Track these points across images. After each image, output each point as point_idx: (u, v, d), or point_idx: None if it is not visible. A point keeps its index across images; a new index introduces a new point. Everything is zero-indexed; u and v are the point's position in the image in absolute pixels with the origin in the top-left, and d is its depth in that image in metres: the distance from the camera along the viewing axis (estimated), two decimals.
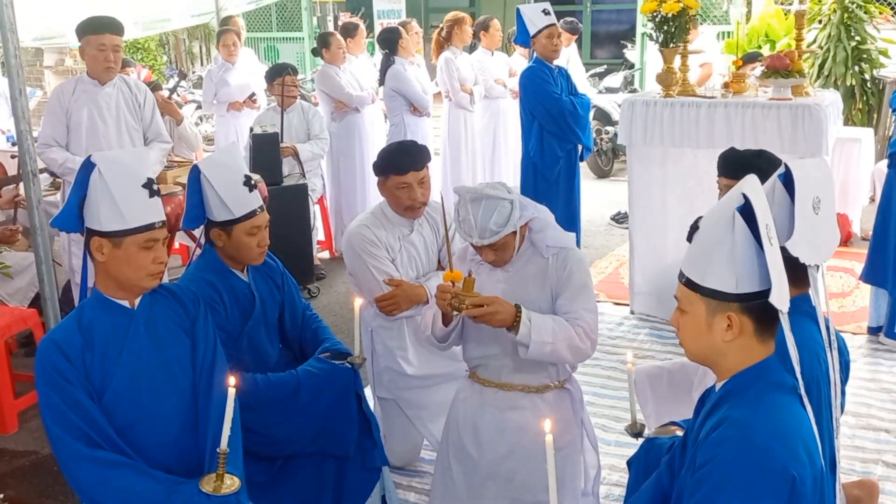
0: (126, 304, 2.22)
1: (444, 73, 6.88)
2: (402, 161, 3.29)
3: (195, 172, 2.67)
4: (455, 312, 2.48)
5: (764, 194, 1.66)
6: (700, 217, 1.77)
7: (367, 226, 3.35)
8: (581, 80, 8.92)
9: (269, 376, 2.73)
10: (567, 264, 2.61)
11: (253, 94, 7.14)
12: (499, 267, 2.64)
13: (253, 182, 2.72)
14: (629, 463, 2.23)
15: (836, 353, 1.72)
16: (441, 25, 7.06)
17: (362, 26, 7.18)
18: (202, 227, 2.77)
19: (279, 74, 5.99)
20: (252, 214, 2.69)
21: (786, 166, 1.69)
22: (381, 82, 6.71)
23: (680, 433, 2.15)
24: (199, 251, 2.89)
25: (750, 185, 1.65)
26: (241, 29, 7.92)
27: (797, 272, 1.62)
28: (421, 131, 6.43)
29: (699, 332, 1.72)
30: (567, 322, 2.53)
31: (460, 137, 6.96)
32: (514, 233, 2.54)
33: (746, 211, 1.63)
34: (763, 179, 1.76)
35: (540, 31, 5.48)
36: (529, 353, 2.48)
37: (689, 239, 1.76)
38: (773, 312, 1.64)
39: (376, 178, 3.40)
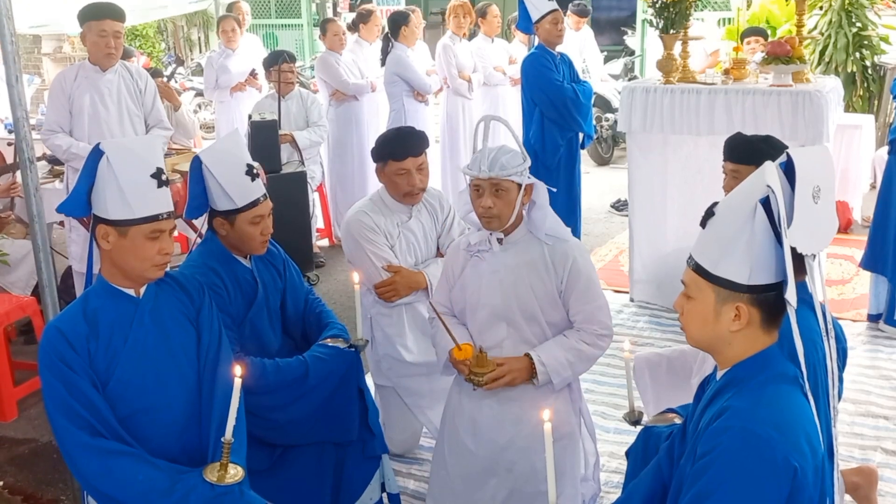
0: (132, 292, 2.21)
1: (441, 59, 6.84)
2: (401, 147, 3.28)
3: (196, 162, 2.65)
4: (475, 388, 2.63)
5: (782, 186, 1.63)
6: (715, 203, 1.74)
7: (365, 212, 3.35)
8: (597, 66, 8.88)
9: (276, 361, 2.72)
10: (569, 259, 2.61)
11: (253, 70, 7.08)
12: (492, 229, 2.61)
13: (255, 171, 2.70)
14: (628, 453, 2.23)
15: (833, 340, 1.71)
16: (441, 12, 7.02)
17: (377, 13, 7.11)
18: (205, 215, 2.76)
19: (276, 62, 5.96)
20: (255, 203, 2.67)
21: (787, 154, 1.67)
22: (383, 64, 6.65)
23: (678, 420, 2.15)
24: (199, 241, 2.88)
25: (772, 175, 1.62)
26: (246, 15, 7.85)
27: (794, 260, 1.61)
28: (421, 117, 6.39)
29: (705, 319, 1.71)
30: (577, 338, 2.62)
31: (458, 125, 6.92)
32: (518, 191, 2.54)
33: (769, 203, 1.61)
34: None
35: (543, 17, 5.41)
36: (557, 387, 2.64)
37: (703, 224, 1.73)
38: (782, 305, 1.64)
39: (375, 165, 3.39)
